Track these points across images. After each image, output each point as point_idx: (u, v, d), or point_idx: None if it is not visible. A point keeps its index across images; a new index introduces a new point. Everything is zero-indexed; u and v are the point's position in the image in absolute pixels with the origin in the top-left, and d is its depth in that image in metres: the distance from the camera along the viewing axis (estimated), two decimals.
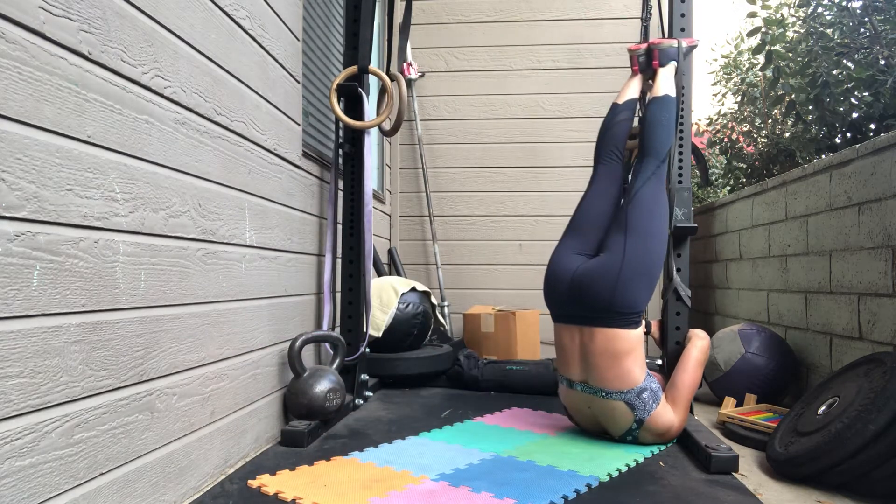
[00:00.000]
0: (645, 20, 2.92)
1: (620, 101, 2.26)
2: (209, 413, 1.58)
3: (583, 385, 1.97)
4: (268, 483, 1.55)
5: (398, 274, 3.85)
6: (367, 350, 2.61)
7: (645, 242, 1.94)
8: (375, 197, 3.61)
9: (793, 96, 3.84)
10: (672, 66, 2.24)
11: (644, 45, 2.30)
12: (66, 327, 1.08)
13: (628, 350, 1.89)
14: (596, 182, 2.18)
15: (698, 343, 2.10)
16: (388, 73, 2.59)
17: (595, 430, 2.06)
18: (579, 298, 1.95)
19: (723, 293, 3.73)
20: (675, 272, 2.29)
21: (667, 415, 1.94)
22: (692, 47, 2.30)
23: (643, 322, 2.32)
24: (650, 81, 2.29)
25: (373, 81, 3.27)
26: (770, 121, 4.57)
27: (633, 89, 2.29)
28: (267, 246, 1.95)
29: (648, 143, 2.11)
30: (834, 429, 1.64)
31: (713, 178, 5.38)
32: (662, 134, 2.11)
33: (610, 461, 1.78)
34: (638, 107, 2.36)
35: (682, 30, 2.37)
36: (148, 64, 1.31)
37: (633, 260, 1.92)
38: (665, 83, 2.19)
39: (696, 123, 5.47)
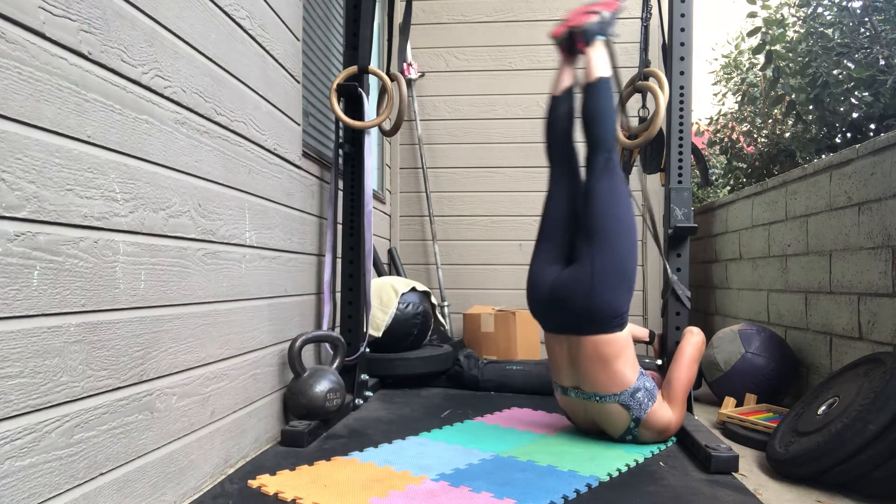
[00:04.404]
0: (645, 20, 2.92)
1: (557, 93, 2.12)
2: (209, 413, 1.58)
3: (576, 391, 1.97)
4: (268, 483, 1.55)
5: (398, 274, 3.85)
6: (367, 350, 2.61)
7: (610, 244, 1.88)
8: (375, 197, 3.61)
9: (793, 96, 3.84)
10: (599, 42, 2.05)
11: (563, 29, 2.13)
12: (66, 327, 1.08)
13: (616, 353, 1.87)
14: (553, 185, 2.10)
15: (692, 339, 2.10)
16: (388, 73, 2.59)
17: (594, 431, 2.06)
18: (560, 311, 1.92)
19: (723, 293, 3.73)
20: (672, 273, 2.28)
21: (664, 412, 1.94)
22: (615, 14, 2.13)
23: (650, 333, 2.32)
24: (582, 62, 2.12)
25: (373, 81, 3.26)
26: (770, 121, 4.57)
27: (566, 77, 2.13)
28: (267, 246, 1.95)
29: (592, 136, 1.99)
30: (834, 429, 1.64)
31: (713, 178, 5.38)
32: (604, 123, 1.98)
33: (610, 461, 1.78)
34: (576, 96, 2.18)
35: (683, 30, 2.37)
36: (148, 64, 1.31)
37: (602, 266, 1.87)
38: (596, 64, 2.01)
39: (697, 123, 5.47)
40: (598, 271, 1.86)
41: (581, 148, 2.06)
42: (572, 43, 2.11)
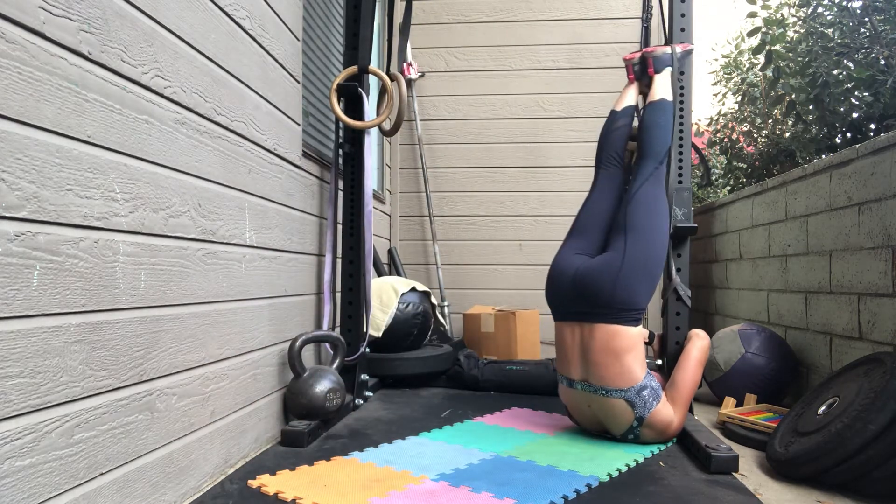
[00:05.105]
0: (645, 20, 2.93)
1: (618, 108, 2.31)
2: (209, 413, 1.58)
3: (583, 384, 1.97)
4: (268, 483, 1.55)
5: (398, 274, 3.85)
6: (368, 350, 2.61)
7: (645, 240, 1.97)
8: (375, 197, 3.61)
9: (793, 96, 3.84)
10: (668, 71, 2.28)
11: (638, 54, 2.35)
12: (66, 327, 1.08)
13: (628, 347, 1.90)
14: (597, 186, 2.23)
15: (698, 343, 2.11)
16: (388, 73, 2.59)
17: (596, 430, 2.06)
18: (581, 295, 1.97)
19: (723, 293, 3.73)
20: (674, 272, 2.30)
21: (667, 413, 1.94)
22: (687, 52, 2.33)
23: (650, 333, 2.33)
24: (647, 88, 2.32)
25: (373, 81, 3.27)
26: (770, 121, 4.57)
27: (629, 96, 2.33)
28: (267, 246, 1.95)
29: (646, 146, 2.16)
30: (834, 429, 1.64)
31: (713, 178, 5.38)
32: (660, 136, 2.16)
33: (610, 461, 1.78)
34: (637, 109, 2.36)
35: (683, 30, 2.37)
36: (148, 64, 1.31)
37: (634, 257, 1.94)
38: (661, 88, 2.25)
39: (696, 123, 5.47)
40: (628, 261, 1.94)
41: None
42: (644, 67, 2.33)
